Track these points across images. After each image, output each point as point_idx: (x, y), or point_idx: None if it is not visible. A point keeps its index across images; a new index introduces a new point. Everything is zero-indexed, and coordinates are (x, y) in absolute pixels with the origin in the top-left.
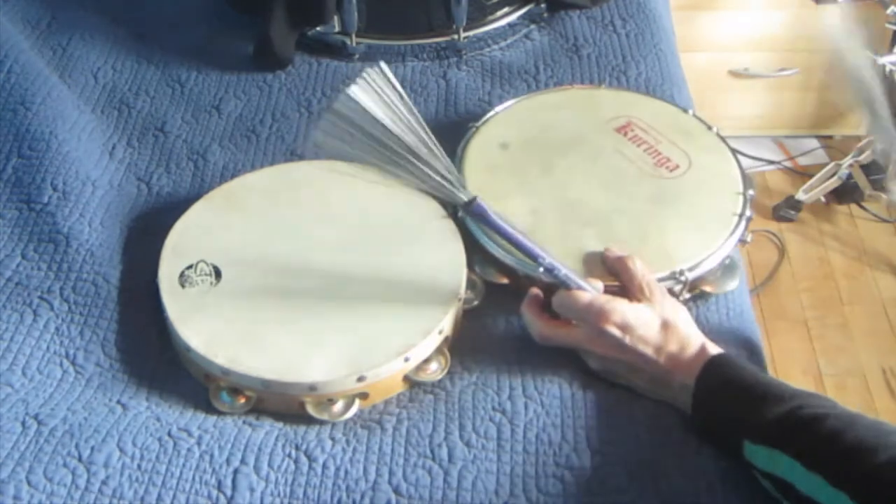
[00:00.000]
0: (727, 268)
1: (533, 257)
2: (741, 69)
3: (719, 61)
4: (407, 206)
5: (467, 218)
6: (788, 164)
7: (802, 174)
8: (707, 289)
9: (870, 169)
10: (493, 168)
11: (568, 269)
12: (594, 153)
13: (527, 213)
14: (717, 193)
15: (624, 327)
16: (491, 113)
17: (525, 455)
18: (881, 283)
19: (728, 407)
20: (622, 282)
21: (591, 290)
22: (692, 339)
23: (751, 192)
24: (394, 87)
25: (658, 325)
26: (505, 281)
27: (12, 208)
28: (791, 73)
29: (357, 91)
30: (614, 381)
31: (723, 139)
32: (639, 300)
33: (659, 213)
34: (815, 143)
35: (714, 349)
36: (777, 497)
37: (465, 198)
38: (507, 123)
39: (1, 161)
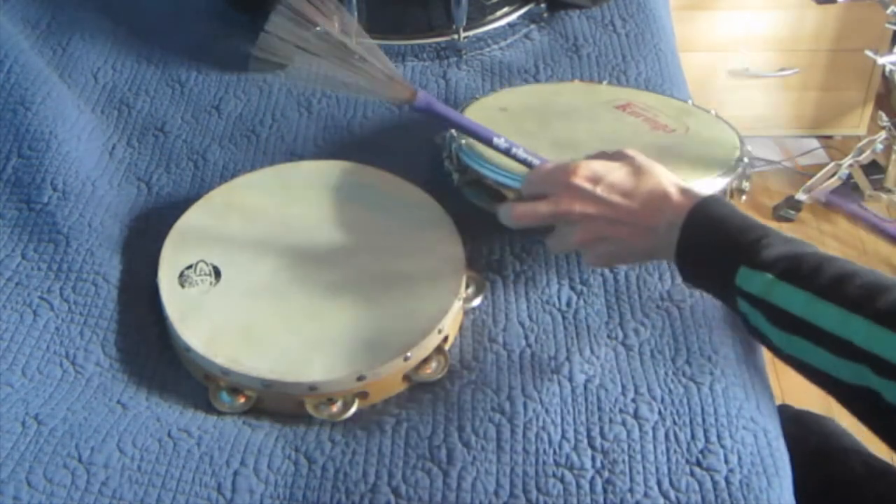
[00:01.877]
0: None
1: (488, 139)
2: (741, 69)
3: (719, 61)
4: (407, 206)
5: (456, 146)
6: (788, 164)
7: (802, 174)
8: None
9: (870, 169)
10: (490, 123)
11: (526, 149)
12: (593, 118)
13: None
14: (713, 147)
15: (593, 178)
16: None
17: (525, 455)
18: None
19: (725, 235)
20: None
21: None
22: (670, 180)
23: (748, 147)
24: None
25: (628, 170)
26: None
27: (12, 208)
28: (791, 73)
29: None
30: (603, 264)
31: (721, 118)
32: None
33: (655, 159)
34: (815, 143)
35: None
36: (758, 326)
37: (408, 92)
38: (509, 96)
39: (1, 161)
